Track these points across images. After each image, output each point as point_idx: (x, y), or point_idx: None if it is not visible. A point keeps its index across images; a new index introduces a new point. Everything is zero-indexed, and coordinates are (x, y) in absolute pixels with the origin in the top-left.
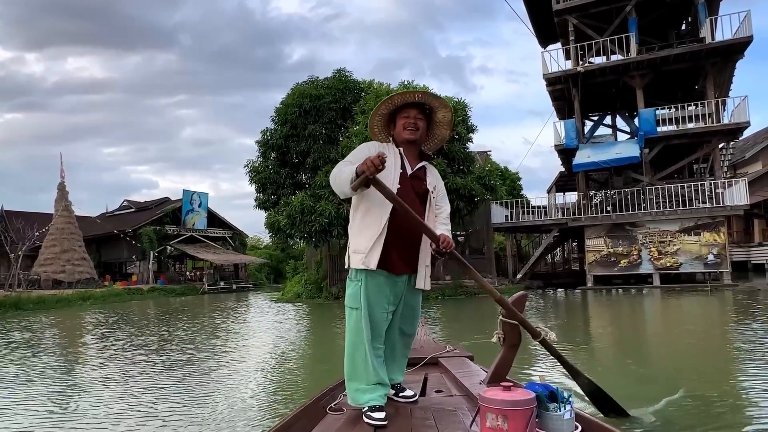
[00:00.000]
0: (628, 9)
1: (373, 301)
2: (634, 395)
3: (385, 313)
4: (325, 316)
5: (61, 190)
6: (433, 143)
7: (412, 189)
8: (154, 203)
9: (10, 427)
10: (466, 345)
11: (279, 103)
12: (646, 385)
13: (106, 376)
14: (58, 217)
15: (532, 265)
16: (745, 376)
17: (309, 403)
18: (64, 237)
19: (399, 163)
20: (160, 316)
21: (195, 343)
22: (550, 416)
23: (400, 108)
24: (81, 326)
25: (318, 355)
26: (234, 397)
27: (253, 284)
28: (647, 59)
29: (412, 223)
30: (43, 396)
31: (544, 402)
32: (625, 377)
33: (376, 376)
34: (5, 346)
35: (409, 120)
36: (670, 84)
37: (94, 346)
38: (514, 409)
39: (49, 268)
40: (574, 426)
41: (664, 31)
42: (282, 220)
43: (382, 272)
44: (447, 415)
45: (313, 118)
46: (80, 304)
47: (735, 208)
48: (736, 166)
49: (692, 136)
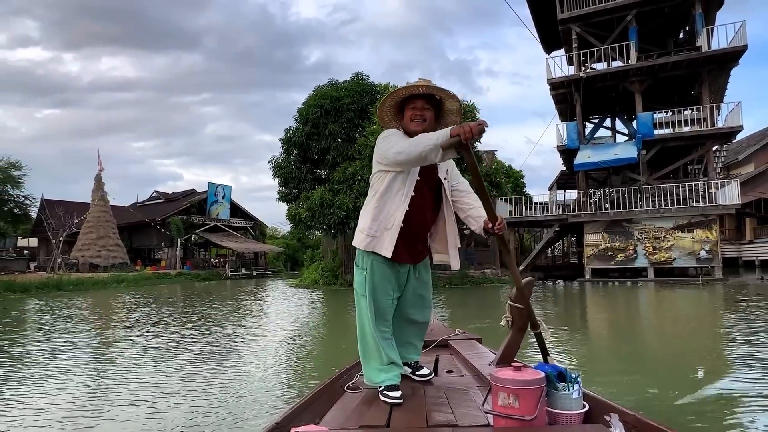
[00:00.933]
0: (629, 18)
1: (379, 288)
2: (621, 371)
3: (390, 299)
4: (340, 301)
5: (98, 182)
6: None
7: (427, 177)
8: (181, 194)
9: (51, 391)
10: (473, 329)
11: (301, 104)
12: (632, 363)
13: (138, 350)
14: (95, 206)
15: (533, 257)
16: (725, 353)
17: (328, 382)
18: (99, 224)
19: None
20: (188, 298)
21: (221, 323)
22: (559, 395)
23: (407, 99)
24: (118, 306)
25: (334, 335)
26: (257, 374)
27: (271, 271)
28: (646, 66)
29: (423, 217)
30: (83, 367)
31: (554, 381)
32: (614, 357)
33: (388, 357)
34: (51, 321)
35: (416, 111)
36: (668, 89)
37: (130, 323)
38: (525, 388)
39: (86, 253)
40: (582, 405)
41: (662, 39)
42: (303, 213)
43: (388, 261)
44: (459, 394)
45: (333, 118)
46: (114, 287)
47: (727, 207)
48: (729, 167)
49: (687, 138)
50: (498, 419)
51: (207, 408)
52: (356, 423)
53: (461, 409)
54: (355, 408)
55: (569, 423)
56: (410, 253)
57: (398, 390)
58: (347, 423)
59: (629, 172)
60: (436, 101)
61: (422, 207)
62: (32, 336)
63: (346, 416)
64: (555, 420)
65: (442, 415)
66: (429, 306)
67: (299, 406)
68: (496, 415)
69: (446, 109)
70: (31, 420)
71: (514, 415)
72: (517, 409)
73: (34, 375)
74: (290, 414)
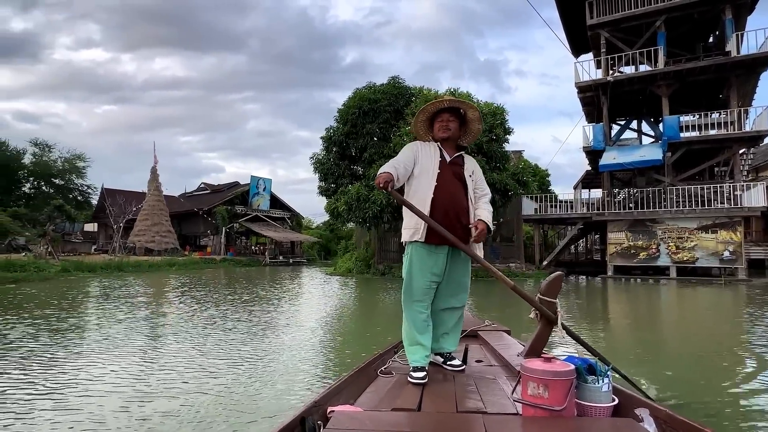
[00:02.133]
0: (658, 24)
1: (417, 269)
2: (642, 360)
3: (427, 281)
4: (373, 289)
5: (153, 173)
6: (470, 136)
7: (451, 172)
8: (226, 186)
9: (112, 357)
10: (494, 316)
11: (341, 105)
12: (653, 353)
13: (189, 327)
14: (150, 195)
15: (557, 253)
16: (746, 347)
17: (362, 366)
18: (154, 212)
19: (438, 154)
20: (236, 282)
21: (265, 305)
22: (589, 388)
23: (436, 113)
24: (176, 286)
25: (367, 320)
26: (295, 356)
27: (306, 259)
28: (674, 70)
29: (452, 201)
30: (141, 341)
31: (583, 374)
32: (636, 346)
33: (418, 338)
34: (117, 298)
35: (443, 123)
36: (695, 92)
37: (184, 302)
38: (555, 379)
39: (142, 238)
40: (611, 398)
41: (691, 43)
42: (341, 206)
43: (424, 245)
44: (488, 383)
45: (370, 119)
46: (167, 269)
47: (752, 210)
48: (758, 170)
49: (714, 141)
50: (527, 408)
51: (251, 384)
52: (389, 405)
53: (490, 397)
54: (387, 391)
55: (598, 415)
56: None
57: (423, 371)
58: (380, 405)
59: (654, 174)
60: (460, 112)
61: (449, 191)
62: (115, 307)
63: (379, 398)
64: (584, 412)
65: (472, 401)
66: (466, 290)
67: (335, 387)
68: (525, 404)
69: (469, 118)
70: (99, 378)
71: (544, 405)
72: (546, 399)
73: (124, 334)
74: (327, 394)
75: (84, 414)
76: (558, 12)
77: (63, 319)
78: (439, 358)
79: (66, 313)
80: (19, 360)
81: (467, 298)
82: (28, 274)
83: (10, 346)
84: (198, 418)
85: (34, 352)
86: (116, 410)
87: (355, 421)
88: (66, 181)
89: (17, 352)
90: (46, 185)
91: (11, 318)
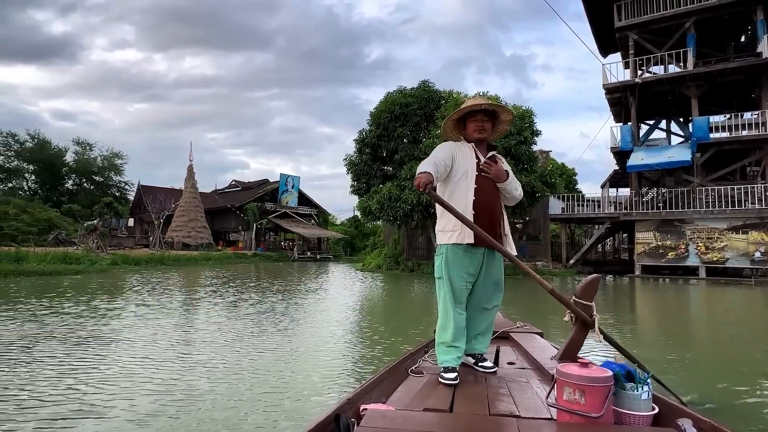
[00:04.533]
0: (687, 25)
1: (453, 271)
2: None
3: (464, 282)
4: (402, 284)
5: (190, 171)
6: (496, 134)
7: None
8: (255, 183)
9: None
10: (517, 310)
11: (373, 109)
12: (684, 351)
13: (223, 318)
14: (187, 192)
15: (584, 252)
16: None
17: (393, 365)
18: (190, 209)
19: (473, 154)
20: (273, 276)
21: (300, 299)
22: (627, 395)
23: (469, 113)
24: (214, 278)
25: (397, 318)
26: (328, 351)
27: (333, 255)
28: (703, 72)
29: (490, 203)
30: (180, 325)
31: (621, 381)
32: (669, 345)
33: (452, 339)
34: (164, 287)
35: (478, 123)
36: (726, 93)
37: (222, 293)
38: (593, 385)
39: (179, 233)
40: (651, 407)
41: (722, 43)
42: (373, 205)
43: (461, 245)
44: (520, 386)
45: (402, 122)
46: (203, 263)
47: None
48: None
49: (745, 142)
50: (562, 414)
51: (283, 379)
52: (420, 405)
53: (523, 401)
54: (419, 391)
55: (638, 424)
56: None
57: (454, 372)
58: (412, 404)
59: (683, 174)
60: (493, 113)
61: (487, 193)
62: (165, 295)
63: (410, 398)
64: (622, 420)
65: (504, 404)
66: (501, 291)
67: (368, 386)
68: (560, 410)
69: (501, 119)
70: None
71: (580, 411)
72: (583, 406)
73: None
74: (360, 392)
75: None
76: (585, 13)
77: (145, 302)
78: (470, 359)
79: (149, 296)
80: (152, 324)
81: (501, 298)
82: (84, 266)
83: (143, 318)
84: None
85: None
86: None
87: (387, 420)
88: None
89: (145, 320)
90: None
91: (117, 300)
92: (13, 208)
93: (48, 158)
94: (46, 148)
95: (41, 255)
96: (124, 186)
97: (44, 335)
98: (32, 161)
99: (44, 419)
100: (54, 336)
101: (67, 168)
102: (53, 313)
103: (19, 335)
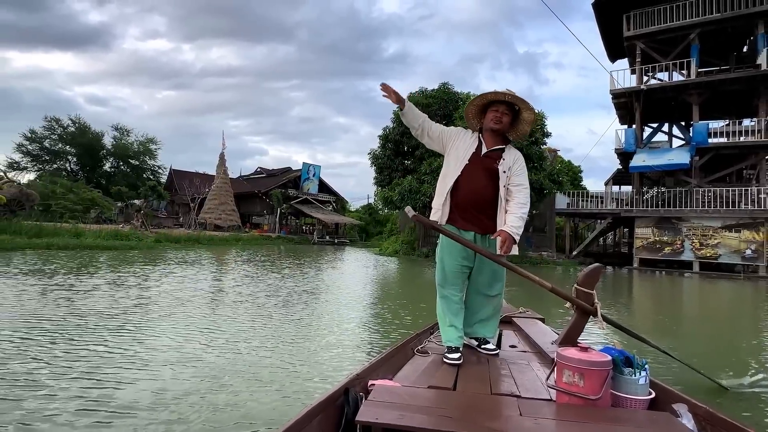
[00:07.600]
0: (692, 37)
1: (446, 252)
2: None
3: (458, 264)
4: (417, 268)
5: (221, 158)
6: (517, 135)
7: (481, 165)
8: (279, 171)
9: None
10: (519, 295)
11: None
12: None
13: (246, 298)
14: (219, 178)
15: (586, 245)
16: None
17: (400, 344)
18: (221, 193)
19: (475, 145)
20: (296, 257)
21: (321, 280)
22: (625, 380)
23: (492, 102)
24: (249, 258)
25: (410, 299)
26: (340, 330)
27: (349, 240)
28: (705, 81)
29: (476, 191)
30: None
31: (620, 366)
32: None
33: (450, 319)
34: (204, 263)
35: (497, 114)
36: (727, 100)
37: (276, 268)
38: (591, 368)
39: (212, 215)
40: (648, 392)
41: (724, 53)
42: (395, 196)
43: (452, 227)
44: (522, 368)
45: None
46: (234, 243)
47: None
48: None
49: (741, 147)
50: (561, 395)
51: (298, 355)
52: (426, 383)
53: (524, 382)
54: (424, 369)
55: (634, 407)
56: (470, 221)
57: (458, 352)
58: (418, 381)
59: (682, 175)
60: (514, 109)
61: (473, 183)
62: (207, 271)
63: (416, 376)
64: (619, 403)
65: (506, 385)
66: (500, 279)
67: (376, 363)
68: (559, 391)
69: (521, 117)
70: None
71: (579, 393)
72: (581, 388)
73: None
74: (369, 368)
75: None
76: (596, 22)
77: (204, 275)
78: (474, 341)
79: (206, 270)
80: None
81: (503, 287)
82: (133, 243)
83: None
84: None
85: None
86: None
87: (394, 395)
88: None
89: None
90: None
91: (189, 268)
92: (60, 188)
93: (88, 142)
94: (87, 132)
95: (96, 232)
96: (157, 170)
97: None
98: (74, 144)
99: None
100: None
101: (105, 151)
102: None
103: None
